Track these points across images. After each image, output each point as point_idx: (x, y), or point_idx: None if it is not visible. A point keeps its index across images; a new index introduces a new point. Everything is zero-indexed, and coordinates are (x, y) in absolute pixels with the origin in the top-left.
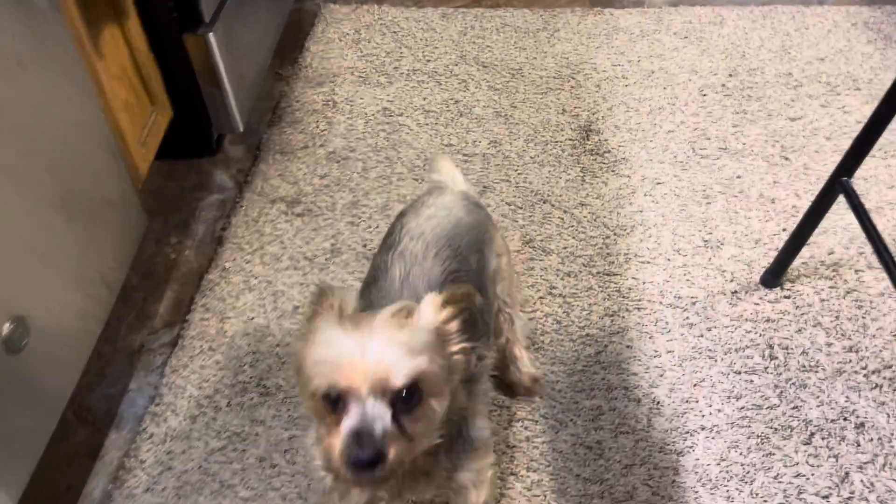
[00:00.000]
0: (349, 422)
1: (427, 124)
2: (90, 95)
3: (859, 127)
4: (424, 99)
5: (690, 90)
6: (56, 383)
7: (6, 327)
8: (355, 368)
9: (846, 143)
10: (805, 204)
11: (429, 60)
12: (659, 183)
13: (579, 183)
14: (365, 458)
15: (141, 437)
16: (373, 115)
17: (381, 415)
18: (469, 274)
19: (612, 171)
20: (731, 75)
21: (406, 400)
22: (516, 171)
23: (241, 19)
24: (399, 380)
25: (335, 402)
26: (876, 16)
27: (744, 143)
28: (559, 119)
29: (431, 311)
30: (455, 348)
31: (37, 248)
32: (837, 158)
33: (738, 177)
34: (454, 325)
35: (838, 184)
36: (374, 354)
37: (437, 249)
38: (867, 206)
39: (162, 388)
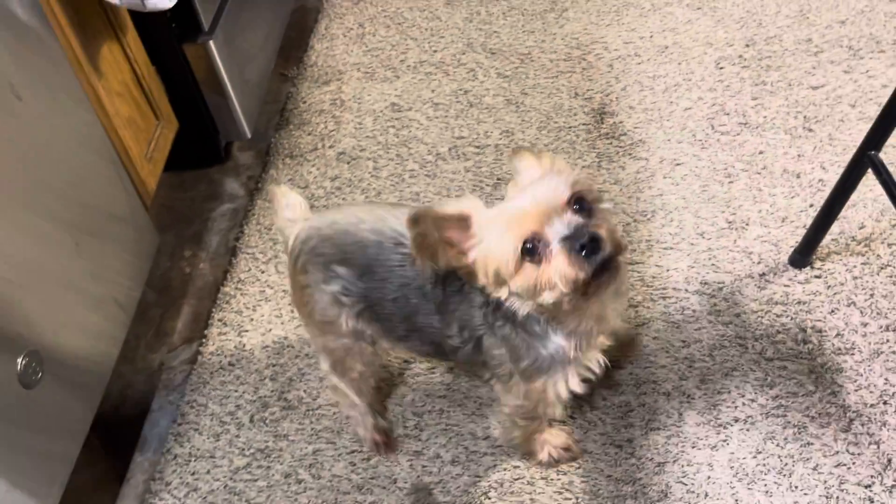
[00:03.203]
0: (557, 236)
1: (437, 117)
2: (91, 116)
3: (885, 91)
4: (433, 91)
5: (706, 64)
6: (78, 409)
7: (20, 363)
8: (533, 210)
9: (872, 110)
10: (832, 177)
11: (435, 51)
12: (678, 164)
13: (595, 169)
14: (585, 239)
15: (165, 458)
16: (381, 111)
17: (574, 218)
18: None
19: (629, 154)
20: (747, 45)
21: (582, 209)
22: None
23: (241, 23)
24: (567, 190)
25: (532, 250)
26: None
27: (764, 117)
28: (572, 103)
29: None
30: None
31: (49, 276)
32: (863, 126)
33: (761, 152)
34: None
35: (866, 158)
36: (538, 193)
37: None
38: None
39: (184, 407)
